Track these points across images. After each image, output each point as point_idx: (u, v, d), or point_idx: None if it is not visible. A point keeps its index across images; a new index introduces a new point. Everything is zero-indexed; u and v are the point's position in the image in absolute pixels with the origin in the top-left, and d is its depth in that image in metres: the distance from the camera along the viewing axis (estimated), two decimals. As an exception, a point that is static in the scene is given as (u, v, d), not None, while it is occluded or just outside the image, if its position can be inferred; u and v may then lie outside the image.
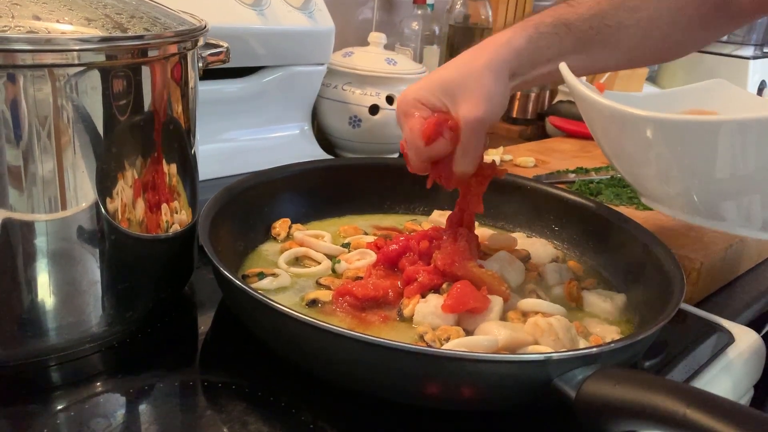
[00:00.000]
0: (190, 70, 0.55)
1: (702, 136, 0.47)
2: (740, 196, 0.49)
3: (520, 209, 0.78)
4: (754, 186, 0.48)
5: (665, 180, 0.52)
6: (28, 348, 0.49)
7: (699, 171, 0.49)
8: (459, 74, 0.58)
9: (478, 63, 0.58)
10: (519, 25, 0.61)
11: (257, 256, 0.67)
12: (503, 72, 0.59)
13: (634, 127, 0.51)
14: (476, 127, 0.58)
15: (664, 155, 0.51)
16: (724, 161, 0.47)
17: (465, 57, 0.60)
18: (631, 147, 0.53)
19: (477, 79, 0.57)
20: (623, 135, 0.54)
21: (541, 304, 0.59)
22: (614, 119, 0.53)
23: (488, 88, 0.57)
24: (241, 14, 0.87)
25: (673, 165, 0.51)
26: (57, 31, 0.43)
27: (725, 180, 0.48)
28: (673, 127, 0.49)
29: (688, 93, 0.66)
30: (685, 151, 0.48)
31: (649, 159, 0.52)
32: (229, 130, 0.96)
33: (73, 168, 0.46)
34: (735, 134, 0.46)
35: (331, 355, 0.47)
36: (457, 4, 1.26)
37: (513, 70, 0.59)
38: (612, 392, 0.42)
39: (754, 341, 0.64)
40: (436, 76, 0.60)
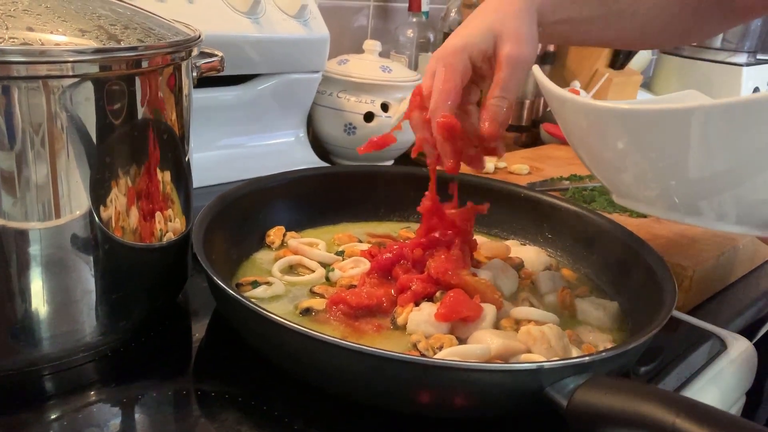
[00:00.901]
0: (185, 80, 0.55)
1: (673, 125, 0.46)
2: (714, 192, 0.48)
3: (514, 217, 0.78)
4: (726, 183, 0.47)
5: (639, 177, 0.52)
6: (22, 357, 0.49)
7: (671, 162, 0.49)
8: (498, 17, 0.60)
9: (513, 7, 0.60)
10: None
11: (251, 265, 0.67)
12: (534, 16, 0.61)
13: (605, 122, 0.51)
14: (518, 65, 0.59)
15: (634, 148, 0.50)
16: (695, 150, 0.46)
17: (495, 3, 0.61)
18: (602, 143, 0.53)
19: (515, 21, 0.59)
20: (594, 131, 0.53)
21: (534, 312, 0.59)
22: (585, 116, 0.53)
23: (526, 30, 0.60)
24: (236, 22, 0.88)
25: (643, 158, 0.50)
26: (51, 43, 0.43)
27: (697, 175, 0.47)
28: (642, 117, 0.48)
29: (661, 102, 0.67)
30: (654, 140, 0.48)
31: (620, 155, 0.52)
32: (224, 138, 0.96)
33: (67, 176, 0.46)
34: (703, 122, 0.45)
35: (324, 364, 0.47)
36: (451, 11, 1.26)
37: (539, 17, 0.62)
38: (603, 401, 0.42)
39: (746, 349, 0.65)
40: (472, 27, 0.61)
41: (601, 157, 0.54)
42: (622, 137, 0.50)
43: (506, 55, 0.58)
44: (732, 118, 0.44)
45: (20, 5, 0.45)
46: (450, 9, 1.27)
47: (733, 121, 0.44)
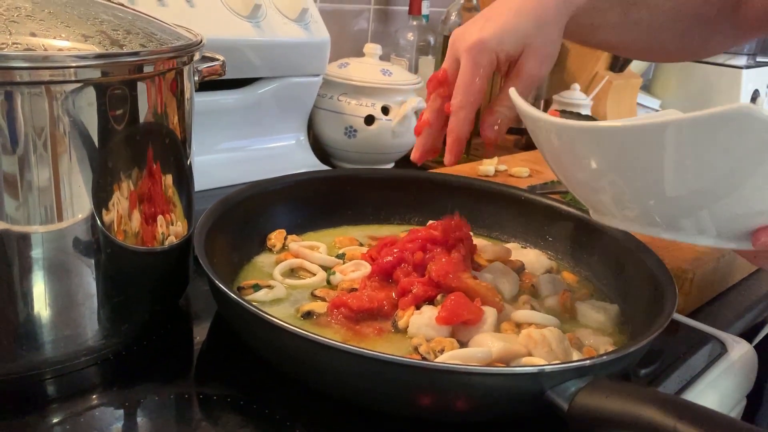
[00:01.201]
0: (186, 84, 0.55)
1: (645, 141, 0.45)
2: (693, 208, 0.47)
3: (515, 219, 0.78)
4: (705, 199, 0.46)
5: (617, 197, 0.51)
6: (24, 361, 0.49)
7: (647, 180, 0.47)
8: (533, 23, 0.59)
9: (548, 15, 0.59)
10: None
11: (252, 268, 0.67)
12: (564, 24, 0.60)
13: (577, 141, 0.50)
14: (534, 83, 0.60)
15: (608, 168, 0.49)
16: (670, 167, 0.45)
17: (534, 3, 0.59)
18: (576, 163, 0.52)
19: (548, 34, 0.59)
20: (567, 151, 0.52)
21: (535, 316, 0.59)
22: (558, 135, 0.52)
23: (552, 47, 0.59)
24: (238, 26, 0.88)
25: (619, 177, 0.49)
26: (54, 48, 0.44)
27: (675, 193, 0.46)
28: (614, 134, 0.47)
29: None
30: (628, 158, 0.47)
31: (595, 175, 0.51)
32: (225, 141, 0.96)
33: (69, 180, 0.46)
34: (675, 137, 0.43)
35: (325, 367, 0.47)
36: (451, 14, 1.26)
37: (569, 22, 0.61)
38: (604, 405, 0.42)
39: (747, 351, 0.65)
40: (507, 24, 0.59)
41: (576, 178, 0.53)
42: (595, 156, 0.49)
43: (527, 72, 0.59)
44: (704, 130, 0.42)
45: (23, 11, 0.45)
46: (450, 12, 1.27)
47: (706, 134, 0.42)
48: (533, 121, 0.53)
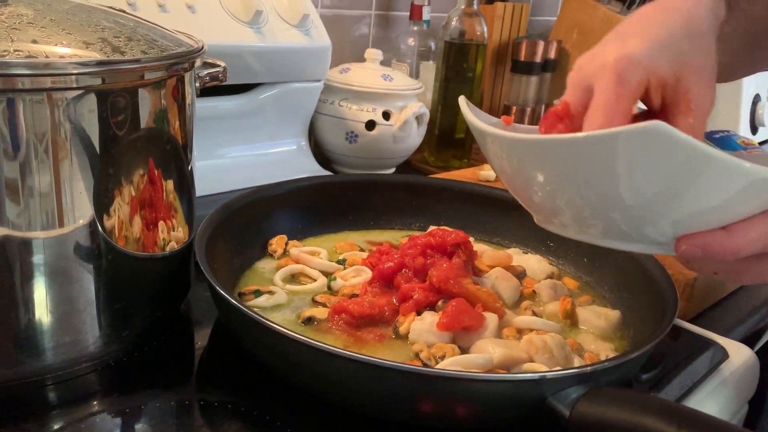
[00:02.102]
0: (188, 90, 0.55)
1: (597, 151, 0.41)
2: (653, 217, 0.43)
3: (516, 225, 0.78)
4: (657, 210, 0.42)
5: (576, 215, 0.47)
6: (25, 368, 0.49)
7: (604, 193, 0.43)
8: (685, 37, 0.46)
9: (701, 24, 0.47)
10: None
11: (253, 273, 0.67)
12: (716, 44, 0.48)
13: (524, 154, 0.45)
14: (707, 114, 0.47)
15: (557, 180, 0.45)
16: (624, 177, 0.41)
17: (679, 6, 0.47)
18: (523, 173, 0.47)
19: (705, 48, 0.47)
20: (514, 163, 0.47)
21: (536, 322, 0.59)
22: (504, 148, 0.47)
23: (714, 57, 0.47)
24: (239, 32, 0.88)
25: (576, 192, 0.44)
26: (55, 55, 0.44)
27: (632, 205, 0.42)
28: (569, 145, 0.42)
29: None
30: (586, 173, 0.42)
31: (544, 186, 0.46)
32: (226, 146, 0.96)
33: (70, 186, 0.46)
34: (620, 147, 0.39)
35: (326, 374, 0.47)
36: (452, 20, 1.27)
37: None
38: (604, 412, 0.42)
39: (748, 357, 0.65)
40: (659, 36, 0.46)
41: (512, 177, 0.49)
42: (546, 172, 0.45)
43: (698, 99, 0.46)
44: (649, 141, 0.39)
45: (25, 18, 0.45)
46: (451, 18, 1.27)
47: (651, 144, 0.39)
48: (481, 135, 0.49)
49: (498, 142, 0.47)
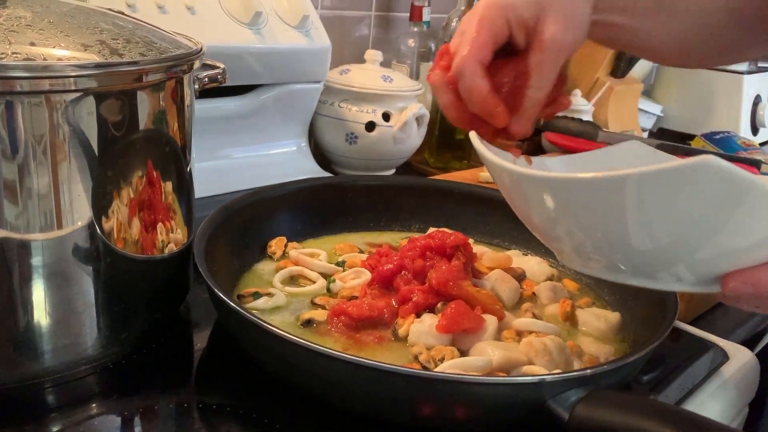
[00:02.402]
0: (186, 92, 0.55)
1: (603, 193, 0.41)
2: (666, 263, 0.43)
3: (516, 227, 0.77)
4: (674, 255, 0.42)
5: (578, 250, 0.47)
6: (24, 370, 0.49)
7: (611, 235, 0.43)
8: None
9: None
10: None
11: (253, 275, 0.67)
12: None
13: (535, 191, 0.45)
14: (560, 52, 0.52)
15: (571, 221, 0.45)
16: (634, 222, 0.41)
17: None
18: (546, 215, 0.47)
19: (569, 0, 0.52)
20: (523, 197, 0.48)
21: (536, 324, 0.59)
22: (515, 183, 0.47)
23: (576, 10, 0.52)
24: (238, 33, 0.88)
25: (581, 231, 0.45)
26: (54, 58, 0.44)
27: (643, 250, 0.42)
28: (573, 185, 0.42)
29: (603, 154, 0.58)
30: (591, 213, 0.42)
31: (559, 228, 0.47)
32: (225, 148, 0.96)
33: (69, 188, 0.46)
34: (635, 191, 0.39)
35: (325, 376, 0.47)
36: (453, 21, 1.26)
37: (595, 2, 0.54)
38: (604, 415, 0.42)
39: (749, 359, 0.65)
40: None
41: (534, 223, 0.49)
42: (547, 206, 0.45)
43: (549, 39, 0.51)
44: (666, 184, 0.38)
45: (23, 20, 0.45)
46: (451, 18, 1.27)
47: (668, 188, 0.38)
48: (487, 164, 0.49)
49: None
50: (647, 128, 1.62)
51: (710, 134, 1.44)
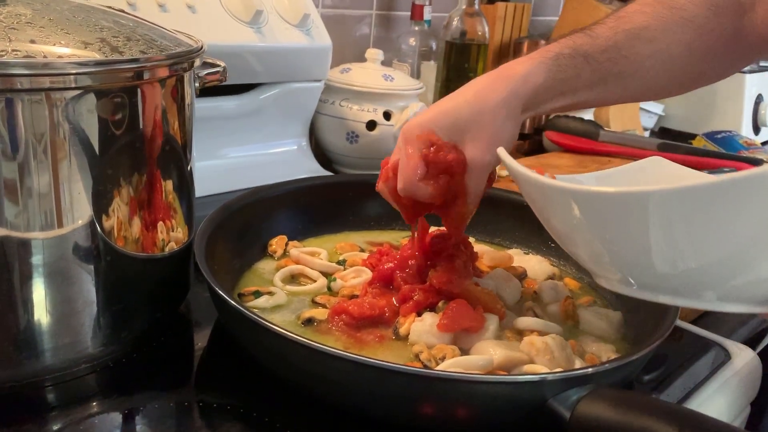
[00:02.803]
0: (187, 90, 0.55)
1: (626, 209, 0.41)
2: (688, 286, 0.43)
3: (517, 225, 0.78)
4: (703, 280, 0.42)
5: (599, 262, 0.48)
6: (24, 369, 0.49)
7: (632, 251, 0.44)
8: (471, 111, 0.56)
9: (491, 100, 0.56)
10: (538, 54, 0.59)
11: (253, 274, 0.67)
12: (517, 109, 0.57)
13: (560, 202, 0.47)
14: (484, 171, 0.57)
15: (591, 233, 0.46)
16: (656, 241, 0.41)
17: (478, 88, 0.57)
18: (564, 226, 0.49)
19: (489, 119, 0.55)
20: (554, 212, 0.50)
21: (537, 323, 0.59)
22: (540, 194, 0.49)
23: (500, 130, 0.56)
24: (239, 32, 0.88)
25: (601, 243, 0.46)
26: (54, 55, 0.44)
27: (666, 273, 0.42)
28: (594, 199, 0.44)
29: (628, 171, 0.60)
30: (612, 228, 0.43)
31: (579, 239, 0.48)
32: (226, 147, 0.96)
33: (69, 187, 0.46)
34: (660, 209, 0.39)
35: (325, 375, 0.47)
36: (453, 20, 1.26)
37: (527, 105, 0.58)
38: (606, 413, 0.42)
39: (751, 359, 0.64)
40: (446, 108, 0.57)
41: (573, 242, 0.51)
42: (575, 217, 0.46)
43: (470, 161, 0.56)
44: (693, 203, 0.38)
45: (24, 18, 0.45)
46: (452, 17, 1.27)
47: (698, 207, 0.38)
48: (514, 175, 0.51)
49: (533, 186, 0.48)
50: (648, 127, 1.62)
51: (712, 133, 1.44)
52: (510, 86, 0.56)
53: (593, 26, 0.61)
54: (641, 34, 0.60)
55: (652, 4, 0.62)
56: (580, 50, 0.59)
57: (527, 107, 0.58)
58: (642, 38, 0.60)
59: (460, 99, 0.57)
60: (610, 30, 0.60)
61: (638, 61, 0.60)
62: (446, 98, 0.59)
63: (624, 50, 0.60)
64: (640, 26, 0.60)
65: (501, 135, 0.56)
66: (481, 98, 0.56)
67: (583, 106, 0.63)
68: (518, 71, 0.57)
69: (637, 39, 0.60)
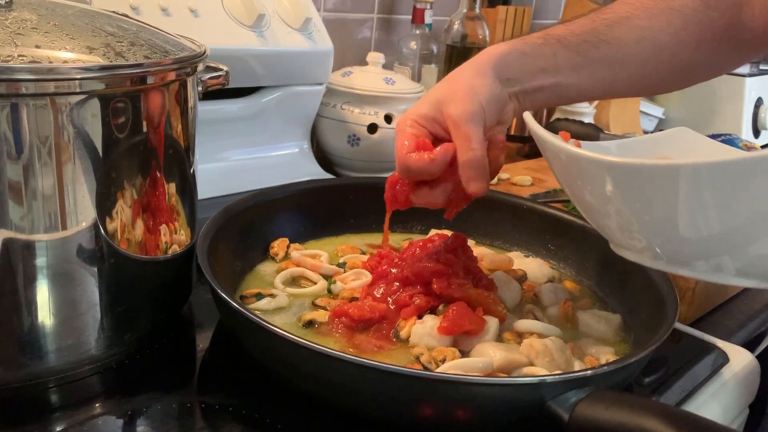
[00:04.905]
0: (190, 94, 0.56)
1: (661, 182, 0.43)
2: (708, 253, 0.45)
3: (517, 229, 0.78)
4: (723, 246, 0.43)
5: (626, 230, 0.49)
6: (28, 370, 0.49)
7: (660, 220, 0.45)
8: (447, 86, 0.59)
9: (462, 72, 0.59)
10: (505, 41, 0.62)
11: (255, 276, 0.67)
12: (485, 70, 0.59)
13: (592, 173, 0.48)
14: (466, 121, 0.57)
15: (622, 203, 0.47)
16: (684, 208, 0.43)
17: (452, 73, 0.61)
18: (591, 195, 0.50)
19: (458, 81, 0.58)
20: (582, 181, 0.51)
21: (537, 325, 0.59)
22: (572, 164, 0.51)
23: (470, 84, 0.58)
24: (241, 36, 0.89)
25: (631, 213, 0.47)
26: (59, 60, 0.44)
27: (689, 238, 0.44)
28: (629, 171, 0.45)
29: (654, 141, 0.62)
30: (643, 199, 0.45)
31: (608, 208, 0.49)
32: (228, 150, 0.97)
33: (73, 190, 0.47)
34: (691, 179, 0.41)
35: (326, 377, 0.47)
36: (454, 23, 1.27)
37: (502, 74, 0.59)
38: (604, 415, 0.42)
39: (749, 361, 0.65)
40: (428, 94, 0.61)
41: (585, 201, 0.52)
42: (603, 188, 0.47)
43: (450, 115, 0.57)
44: (725, 176, 0.40)
45: (29, 23, 0.46)
46: (453, 21, 1.27)
47: (727, 181, 0.40)
48: (550, 149, 0.53)
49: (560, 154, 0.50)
50: (649, 131, 1.62)
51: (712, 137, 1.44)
52: (475, 59, 0.60)
53: (571, 19, 0.63)
54: (623, 22, 0.61)
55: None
56: (551, 34, 0.61)
57: (504, 76, 0.59)
58: (624, 25, 0.61)
59: (439, 84, 0.61)
60: (587, 19, 0.62)
61: (622, 47, 0.61)
62: (427, 91, 0.62)
63: (603, 35, 0.61)
64: (622, 15, 0.62)
65: (475, 89, 0.57)
66: (453, 77, 0.60)
67: (574, 91, 0.62)
68: (484, 50, 0.61)
69: (618, 25, 0.61)
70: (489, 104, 0.58)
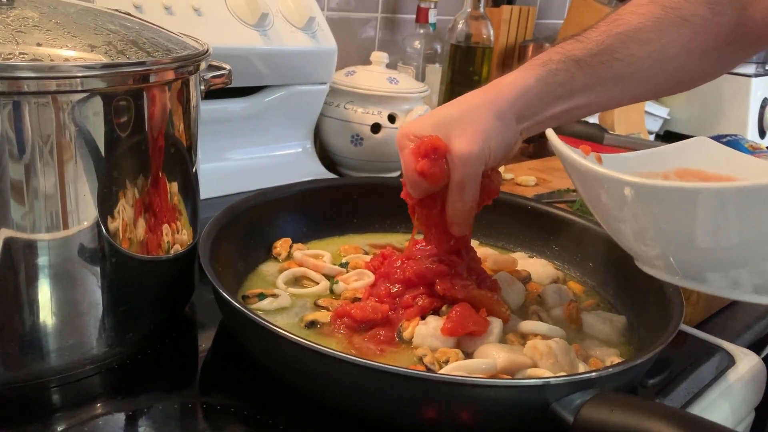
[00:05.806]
0: (193, 93, 0.55)
1: (680, 203, 0.45)
2: (725, 267, 0.46)
3: (521, 229, 0.78)
4: (740, 258, 0.45)
5: (644, 244, 0.51)
6: (30, 370, 0.49)
7: (678, 238, 0.47)
8: (457, 110, 0.57)
9: (477, 100, 0.57)
10: (526, 64, 0.60)
11: (257, 276, 0.67)
12: (506, 112, 0.57)
13: (613, 190, 0.49)
14: (468, 164, 0.55)
15: (641, 219, 0.49)
16: (705, 230, 0.45)
17: (466, 96, 0.58)
18: (615, 212, 0.51)
19: (474, 116, 0.56)
20: (604, 198, 0.51)
21: (541, 327, 0.59)
22: (594, 181, 0.51)
23: (486, 125, 0.55)
24: (244, 35, 0.89)
25: (650, 230, 0.49)
26: (60, 58, 0.44)
27: (708, 250, 0.46)
28: (650, 191, 0.47)
29: (674, 151, 0.62)
30: (662, 217, 0.47)
31: (630, 224, 0.50)
32: (231, 149, 0.96)
33: (75, 188, 0.47)
34: (714, 203, 0.43)
35: (329, 378, 0.47)
36: (459, 23, 1.27)
37: (520, 111, 0.57)
38: (609, 418, 0.42)
39: (755, 364, 0.64)
40: (434, 112, 0.59)
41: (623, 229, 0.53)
42: (625, 207, 0.49)
43: (453, 153, 0.55)
44: (743, 201, 0.42)
45: (31, 21, 0.46)
46: (457, 20, 1.27)
47: (746, 205, 0.42)
48: (572, 166, 0.53)
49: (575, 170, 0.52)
50: (654, 131, 1.62)
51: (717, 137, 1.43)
52: (496, 91, 0.57)
53: (584, 32, 0.61)
54: (635, 36, 0.60)
55: (646, 5, 0.61)
56: (570, 55, 0.59)
57: (522, 113, 0.58)
58: (636, 40, 0.60)
59: (449, 105, 0.59)
60: (602, 34, 0.60)
61: (634, 63, 0.60)
62: (435, 109, 0.60)
63: (617, 53, 0.59)
64: (634, 28, 0.60)
65: (487, 132, 0.55)
66: (466, 101, 0.58)
67: (583, 111, 0.62)
68: (505, 79, 0.58)
69: (631, 41, 0.60)
70: (498, 149, 0.57)
